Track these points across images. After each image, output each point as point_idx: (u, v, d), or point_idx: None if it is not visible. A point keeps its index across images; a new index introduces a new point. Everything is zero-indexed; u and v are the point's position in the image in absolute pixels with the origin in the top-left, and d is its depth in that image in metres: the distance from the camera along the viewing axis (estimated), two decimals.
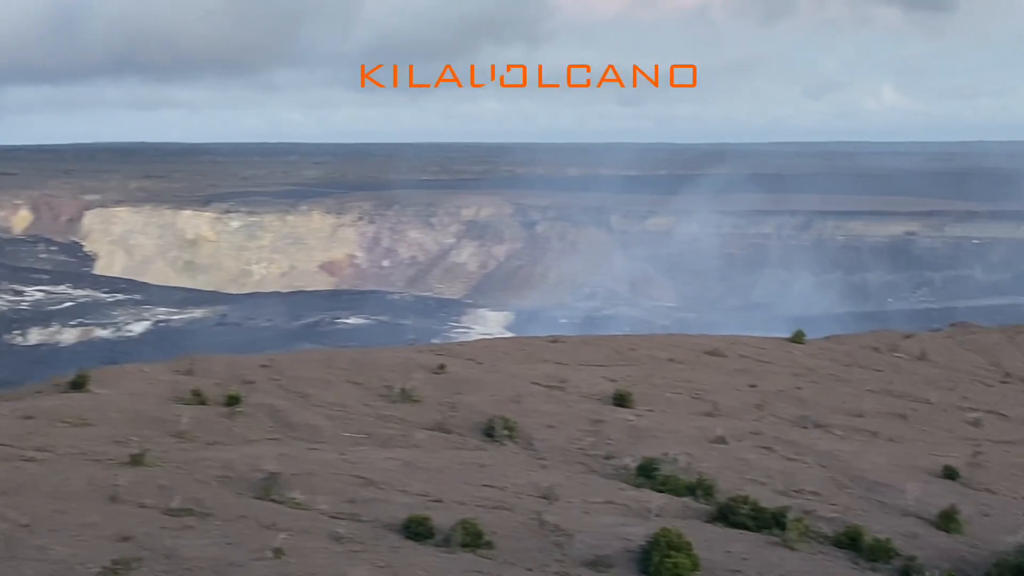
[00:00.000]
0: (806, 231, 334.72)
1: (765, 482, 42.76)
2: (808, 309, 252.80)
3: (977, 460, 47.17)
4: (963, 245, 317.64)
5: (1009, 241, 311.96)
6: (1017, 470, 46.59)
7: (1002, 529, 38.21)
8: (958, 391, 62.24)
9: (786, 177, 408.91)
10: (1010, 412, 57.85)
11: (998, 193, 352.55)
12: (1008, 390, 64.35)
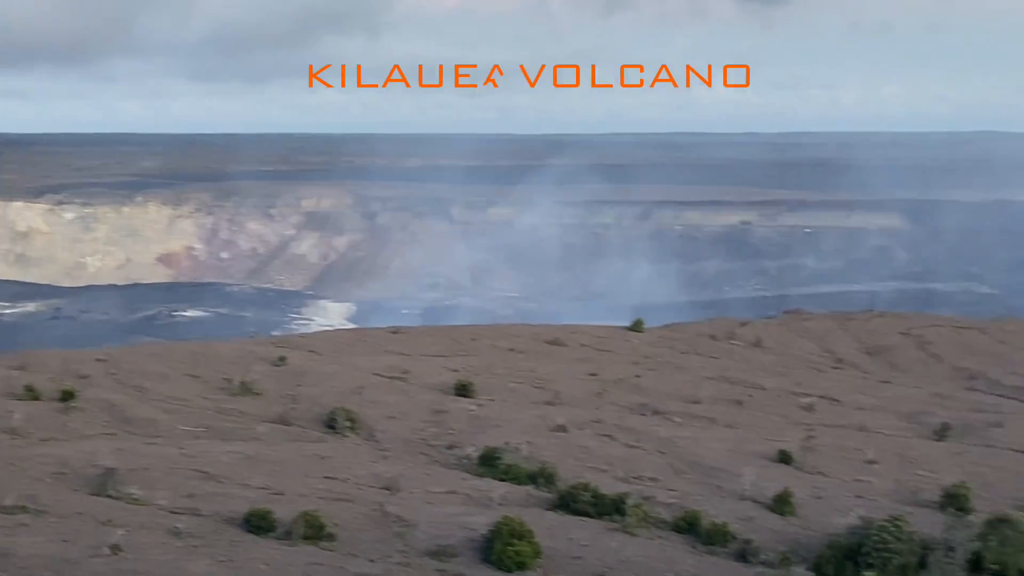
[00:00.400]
0: (645, 221, 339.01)
1: (605, 469, 43.23)
2: (647, 298, 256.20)
3: (810, 444, 48.29)
4: (796, 234, 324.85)
5: (840, 230, 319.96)
6: (849, 453, 47.80)
7: (834, 511, 39.17)
8: (792, 377, 63.68)
9: (626, 168, 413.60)
10: (842, 397, 59.36)
11: (829, 183, 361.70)
12: (840, 375, 66.05)
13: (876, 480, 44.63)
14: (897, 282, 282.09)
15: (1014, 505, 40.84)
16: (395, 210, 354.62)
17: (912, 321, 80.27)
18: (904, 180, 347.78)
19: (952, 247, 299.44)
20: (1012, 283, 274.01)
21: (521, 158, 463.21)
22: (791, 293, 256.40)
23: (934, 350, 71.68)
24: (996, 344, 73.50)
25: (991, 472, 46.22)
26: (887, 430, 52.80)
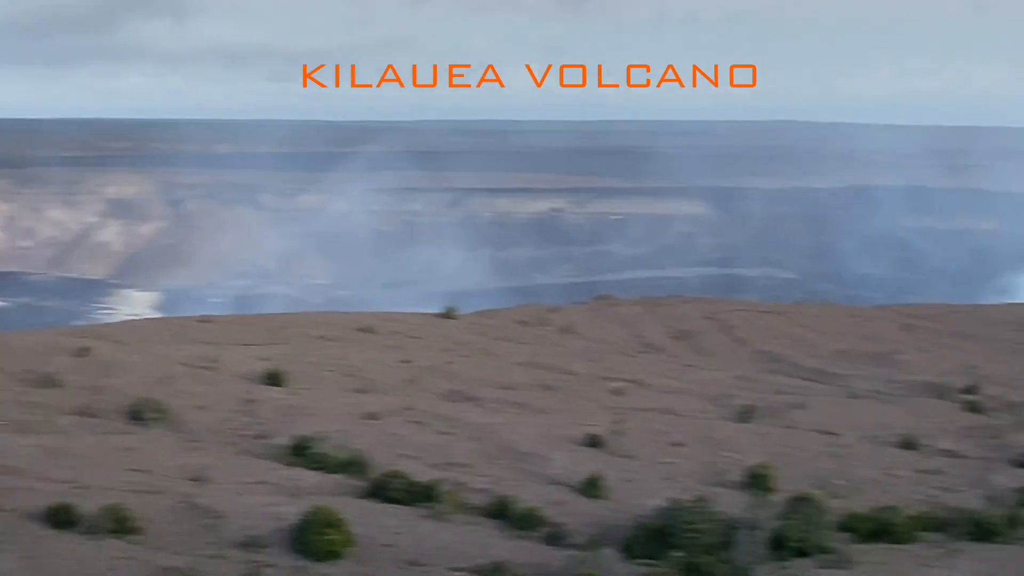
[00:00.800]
0: (456, 208, 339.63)
1: (418, 456, 43.24)
2: (459, 285, 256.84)
3: (620, 428, 49.02)
4: (605, 221, 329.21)
5: (647, 216, 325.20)
6: (657, 436, 48.69)
7: (643, 493, 39.89)
8: (602, 362, 64.54)
9: (437, 155, 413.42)
10: (651, 381, 60.40)
11: (637, 170, 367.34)
12: (649, 360, 67.20)
13: (683, 462, 45.56)
14: (703, 268, 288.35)
15: (814, 484, 42.13)
16: (203, 197, 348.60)
17: (717, 306, 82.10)
18: (708, 168, 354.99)
19: (755, 234, 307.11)
20: (812, 268, 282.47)
21: (332, 145, 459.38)
22: (601, 279, 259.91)
23: (738, 334, 73.45)
24: (797, 328, 75.66)
25: (793, 452, 47.58)
26: (694, 413, 53.92)
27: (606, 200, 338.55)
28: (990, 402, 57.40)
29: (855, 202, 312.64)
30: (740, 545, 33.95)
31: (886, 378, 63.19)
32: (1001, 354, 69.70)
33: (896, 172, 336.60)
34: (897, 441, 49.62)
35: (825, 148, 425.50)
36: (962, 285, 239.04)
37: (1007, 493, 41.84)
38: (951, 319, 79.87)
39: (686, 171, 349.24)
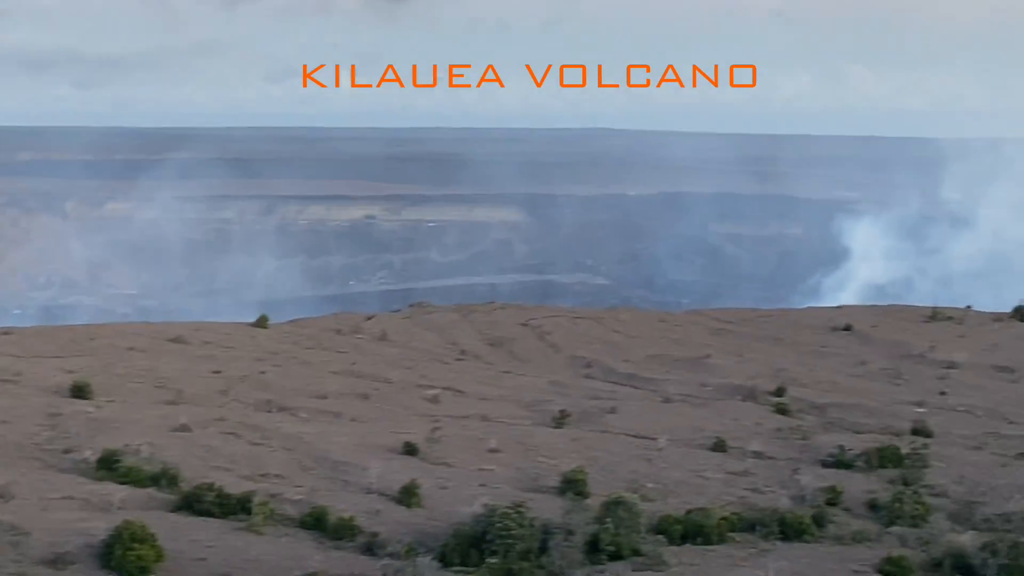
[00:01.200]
0: (269, 216, 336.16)
1: (231, 468, 42.51)
2: (273, 293, 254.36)
3: (435, 435, 48.93)
4: (420, 228, 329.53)
5: (463, 223, 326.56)
6: (472, 443, 48.70)
7: (459, 500, 39.82)
8: (417, 369, 64.42)
9: (249, 162, 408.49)
10: (466, 388, 60.47)
11: (452, 177, 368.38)
12: (464, 366, 67.30)
13: (499, 468, 45.65)
14: (518, 274, 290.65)
15: (628, 487, 42.62)
16: (4, 205, 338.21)
17: (531, 312, 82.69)
18: (523, 175, 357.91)
19: (569, 240, 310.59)
20: (624, 274, 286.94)
21: (141, 152, 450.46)
22: (416, 286, 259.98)
23: (552, 340, 74.07)
24: (610, 333, 76.63)
25: (607, 456, 48.05)
26: (509, 419, 54.11)
27: (421, 207, 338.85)
28: (797, 404, 58.90)
29: (667, 209, 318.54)
30: (555, 550, 34.14)
31: (697, 382, 64.37)
32: (807, 357, 71.63)
33: (706, 179, 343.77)
34: (708, 444, 50.51)
35: (637, 155, 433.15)
36: (771, 289, 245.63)
37: (814, 493, 42.90)
38: (759, 324, 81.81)
39: (501, 178, 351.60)
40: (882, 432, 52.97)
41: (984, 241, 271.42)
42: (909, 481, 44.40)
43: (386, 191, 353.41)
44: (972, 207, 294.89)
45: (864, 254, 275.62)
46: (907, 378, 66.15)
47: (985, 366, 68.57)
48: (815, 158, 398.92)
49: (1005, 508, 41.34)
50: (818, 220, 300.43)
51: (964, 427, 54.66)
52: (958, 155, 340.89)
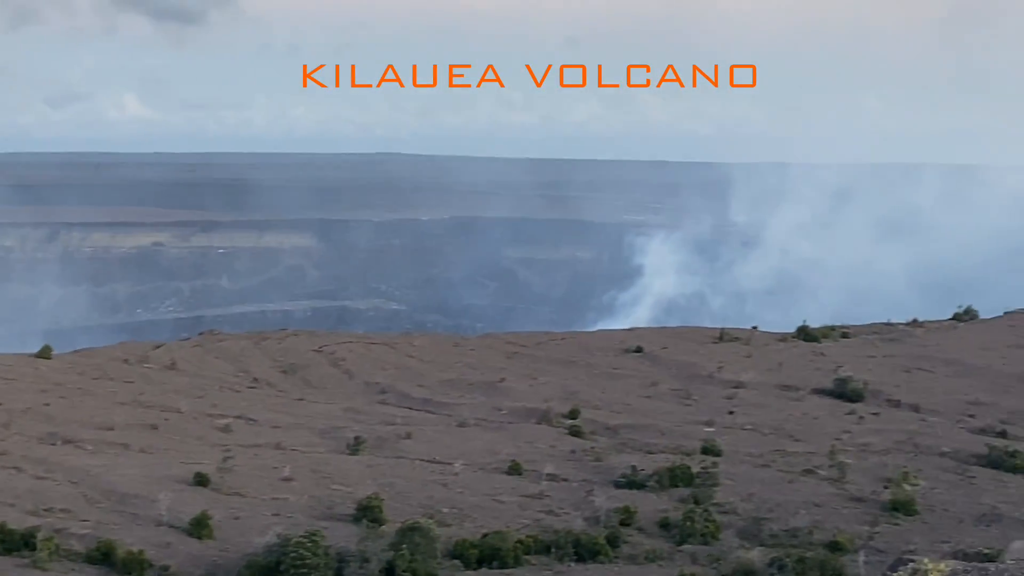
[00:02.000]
0: (52, 243, 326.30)
1: (14, 503, 41.05)
2: (57, 323, 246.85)
3: (228, 465, 48.03)
4: (210, 254, 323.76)
5: (253, 249, 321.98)
6: (266, 472, 47.99)
7: (252, 531, 39.16)
8: (208, 398, 63.22)
9: (30, 188, 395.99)
10: (258, 416, 59.59)
11: (241, 203, 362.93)
12: (256, 395, 66.29)
13: (293, 497, 45.07)
14: (311, 300, 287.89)
15: (424, 513, 42.52)
16: None
17: (325, 339, 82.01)
18: (313, 200, 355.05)
19: (362, 265, 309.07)
20: (418, 299, 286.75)
21: None
22: (206, 314, 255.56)
23: (347, 366, 73.54)
24: (405, 358, 76.43)
25: (402, 482, 47.88)
26: (303, 447, 53.51)
27: (211, 233, 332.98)
28: (590, 426, 59.61)
29: (459, 233, 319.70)
30: None
31: (492, 406, 64.64)
32: (600, 379, 72.55)
33: (498, 203, 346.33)
34: (503, 467, 50.75)
35: (428, 180, 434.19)
36: (564, 312, 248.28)
37: (607, 514, 43.42)
38: (553, 347, 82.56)
39: (292, 203, 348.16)
40: (673, 452, 53.98)
41: (772, 260, 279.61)
42: (700, 499, 45.32)
43: (174, 217, 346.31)
44: (759, 228, 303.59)
45: (655, 275, 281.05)
46: (696, 398, 67.56)
47: (770, 385, 70.49)
48: (605, 182, 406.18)
49: (791, 523, 42.52)
50: (609, 243, 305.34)
51: (751, 445, 56.07)
52: (744, 178, 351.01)
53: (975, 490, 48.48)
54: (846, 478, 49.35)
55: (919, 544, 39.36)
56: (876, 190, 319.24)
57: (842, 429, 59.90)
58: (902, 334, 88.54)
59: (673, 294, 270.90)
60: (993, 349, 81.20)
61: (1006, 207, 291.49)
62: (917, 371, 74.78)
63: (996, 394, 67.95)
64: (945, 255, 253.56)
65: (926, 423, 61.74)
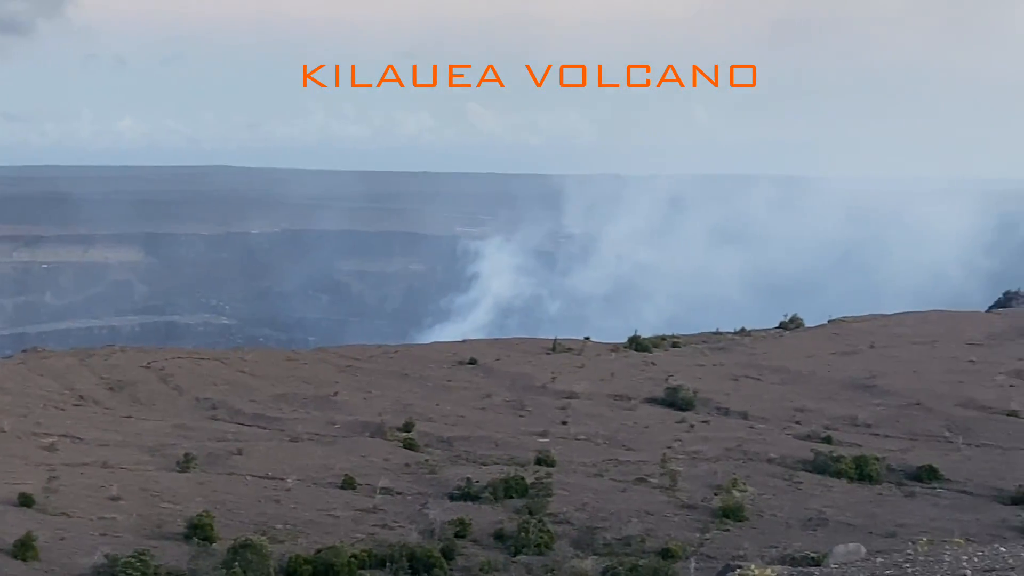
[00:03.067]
0: None
1: None
2: None
3: (53, 485, 46.80)
4: (33, 269, 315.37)
5: (78, 264, 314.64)
6: (92, 491, 46.86)
7: (79, 551, 38.19)
8: (32, 417, 61.45)
9: None
10: (85, 434, 58.12)
11: (64, 217, 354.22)
12: (82, 413, 64.66)
13: (121, 516, 44.07)
14: (139, 316, 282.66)
15: (256, 529, 41.95)
16: None
17: (154, 355, 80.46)
18: (140, 213, 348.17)
19: (191, 279, 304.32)
20: (250, 313, 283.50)
21: None
22: (30, 331, 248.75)
23: (176, 382, 72.24)
24: (236, 373, 75.39)
25: (233, 499, 47.18)
26: (131, 465, 52.37)
27: (34, 248, 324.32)
28: (425, 439, 59.53)
29: (291, 246, 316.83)
30: None
31: (326, 420, 64.13)
32: (434, 392, 72.52)
33: (330, 216, 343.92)
34: (337, 482, 50.35)
35: (259, 193, 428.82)
36: (398, 324, 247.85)
37: (442, 526, 43.37)
38: (386, 360, 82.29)
39: (117, 217, 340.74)
40: (507, 463, 54.17)
41: (609, 267, 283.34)
42: (534, 510, 45.53)
43: None
44: (595, 237, 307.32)
45: (492, 281, 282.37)
46: (530, 409, 67.94)
47: (603, 395, 71.27)
48: (438, 194, 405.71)
49: (624, 532, 42.99)
50: (443, 254, 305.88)
51: (585, 455, 56.58)
52: (579, 189, 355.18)
53: (802, 495, 49.61)
54: (677, 486, 50.07)
55: (748, 549, 40.11)
56: (709, 200, 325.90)
57: (673, 437, 60.85)
58: (730, 343, 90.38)
59: (510, 301, 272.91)
60: (817, 357, 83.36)
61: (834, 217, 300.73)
62: (745, 379, 76.38)
63: (820, 401, 69.75)
64: (776, 262, 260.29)
65: (754, 430, 63.07)
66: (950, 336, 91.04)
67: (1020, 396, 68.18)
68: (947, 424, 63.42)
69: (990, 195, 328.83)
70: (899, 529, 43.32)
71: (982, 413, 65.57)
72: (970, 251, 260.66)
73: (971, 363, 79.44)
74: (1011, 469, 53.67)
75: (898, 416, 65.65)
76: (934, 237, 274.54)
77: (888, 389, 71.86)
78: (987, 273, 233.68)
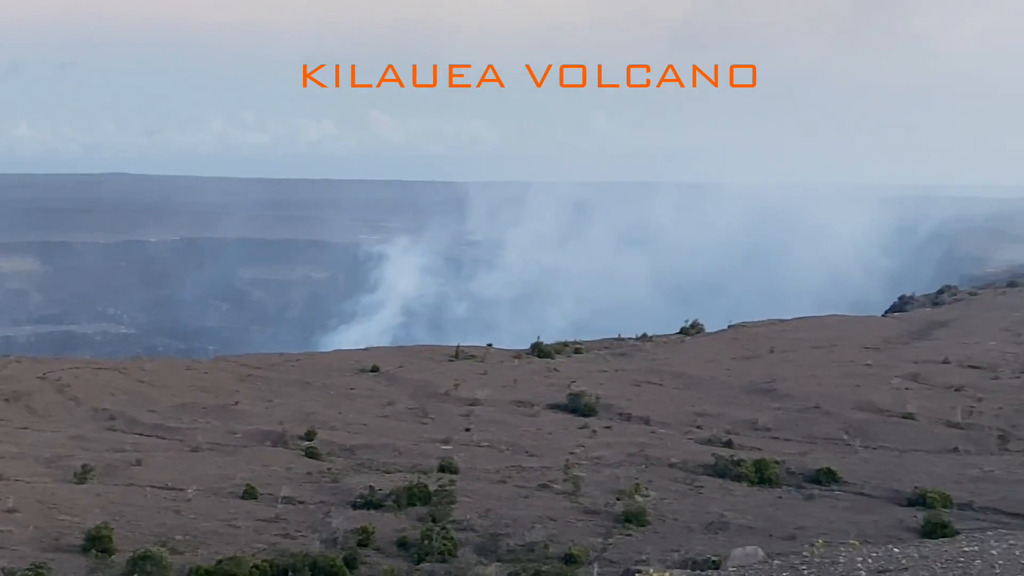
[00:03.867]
0: None
1: None
2: None
3: None
4: None
5: None
6: None
7: None
8: None
9: None
10: None
11: None
12: None
13: (17, 529, 43.32)
14: (34, 326, 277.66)
15: (156, 541, 41.46)
16: None
17: (50, 365, 79.25)
18: (34, 221, 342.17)
19: (88, 288, 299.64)
20: (148, 322, 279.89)
21: None
22: None
23: (73, 393, 71.17)
24: (135, 383, 74.45)
25: (133, 510, 46.59)
26: (27, 477, 51.51)
27: None
28: (327, 447, 59.22)
29: (190, 254, 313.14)
30: None
31: (226, 429, 63.56)
32: (336, 400, 72.20)
33: (229, 224, 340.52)
34: (238, 492, 49.93)
35: (157, 201, 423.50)
36: (300, 332, 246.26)
37: (345, 535, 43.18)
38: (287, 368, 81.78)
39: (10, 225, 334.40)
40: (411, 471, 54.08)
41: (515, 271, 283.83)
42: (437, 517, 45.49)
43: None
44: (501, 241, 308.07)
45: (396, 287, 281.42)
46: (433, 416, 67.88)
47: (506, 402, 71.41)
48: (340, 201, 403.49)
49: (528, 538, 43.10)
50: (345, 261, 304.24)
51: (488, 462, 56.63)
52: (483, 196, 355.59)
53: (703, 499, 50.06)
54: (580, 491, 50.29)
55: (651, 553, 40.39)
56: (613, 205, 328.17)
57: (576, 443, 61.09)
58: (632, 348, 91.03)
59: (414, 306, 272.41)
60: (718, 362, 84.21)
61: (736, 221, 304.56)
62: (647, 385, 76.93)
63: (721, 405, 70.46)
64: (680, 266, 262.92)
65: (656, 435, 63.55)
66: (847, 340, 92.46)
67: (915, 399, 69.36)
68: (845, 427, 64.39)
69: (889, 200, 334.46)
70: (798, 531, 43.87)
71: (879, 416, 66.65)
72: (868, 254, 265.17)
73: (868, 367, 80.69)
74: (907, 471, 54.63)
75: (797, 420, 66.53)
76: (834, 240, 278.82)
77: (787, 393, 72.80)
78: (885, 275, 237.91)
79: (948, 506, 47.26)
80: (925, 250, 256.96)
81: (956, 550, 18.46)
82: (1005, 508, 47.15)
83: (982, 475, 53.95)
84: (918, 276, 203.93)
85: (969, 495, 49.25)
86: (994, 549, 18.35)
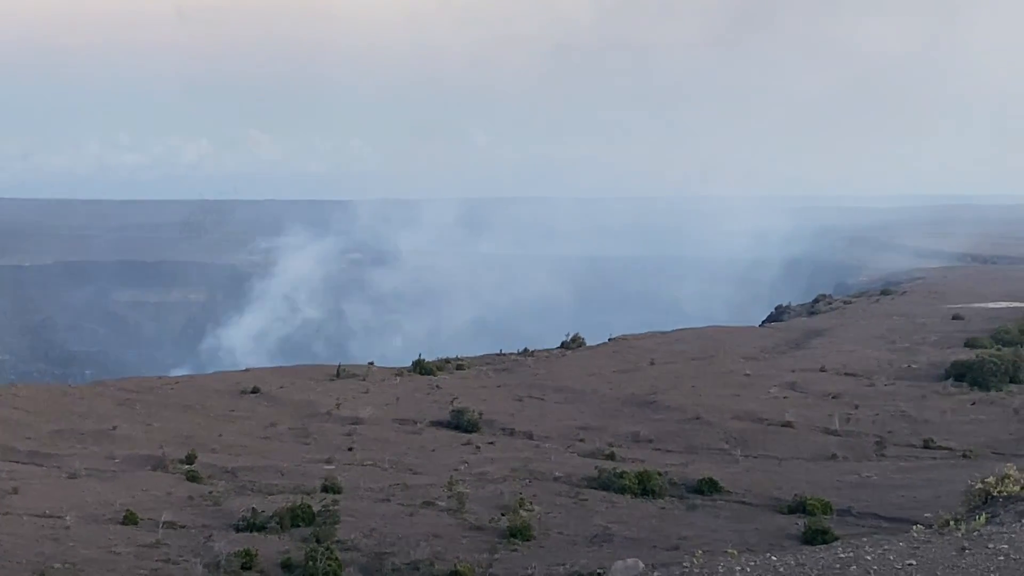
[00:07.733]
0: None
1: None
2: None
3: None
4: None
5: None
6: None
7: None
8: None
9: None
10: None
11: None
12: None
13: None
14: None
15: (34, 571, 40.61)
16: None
17: None
18: None
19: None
20: (22, 348, 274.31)
21: None
22: None
23: None
24: (9, 410, 72.86)
25: (9, 539, 45.57)
26: None
27: None
28: (208, 470, 58.54)
29: (64, 278, 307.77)
30: None
31: (105, 455, 62.56)
32: (216, 422, 71.45)
33: (104, 247, 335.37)
34: (118, 518, 49.12)
35: (28, 225, 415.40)
36: (178, 355, 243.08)
37: (228, 558, 42.68)
38: (166, 391, 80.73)
39: None
40: (294, 492, 53.65)
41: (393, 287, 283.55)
42: (321, 538, 45.17)
43: None
44: (379, 259, 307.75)
45: (272, 309, 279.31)
46: (316, 436, 67.50)
47: (389, 420, 71.28)
48: (219, 222, 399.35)
49: (413, 556, 42.97)
50: (224, 282, 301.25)
51: (372, 480, 56.41)
52: (366, 213, 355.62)
53: (587, 512, 50.34)
54: (465, 508, 50.30)
55: (536, 568, 40.52)
56: (494, 221, 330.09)
57: (460, 460, 61.16)
58: (514, 364, 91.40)
59: (292, 325, 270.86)
60: (599, 375, 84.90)
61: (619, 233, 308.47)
62: (529, 399, 77.29)
63: (603, 418, 71.03)
64: (561, 280, 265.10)
65: (539, 449, 63.86)
66: (726, 351, 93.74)
67: (794, 407, 70.55)
68: (725, 437, 65.28)
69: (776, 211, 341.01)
70: (682, 542, 44.28)
71: (759, 425, 67.67)
72: (745, 264, 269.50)
73: (747, 376, 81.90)
74: (787, 479, 55.50)
75: (678, 431, 67.29)
76: (712, 252, 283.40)
77: (669, 404, 73.62)
78: (762, 285, 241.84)
79: (828, 513, 48.04)
80: (801, 260, 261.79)
81: (832, 556, 18.82)
82: (883, 513, 48.07)
83: (860, 481, 55.01)
84: (794, 286, 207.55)
85: (848, 501, 50.15)
86: (869, 555, 18.75)
